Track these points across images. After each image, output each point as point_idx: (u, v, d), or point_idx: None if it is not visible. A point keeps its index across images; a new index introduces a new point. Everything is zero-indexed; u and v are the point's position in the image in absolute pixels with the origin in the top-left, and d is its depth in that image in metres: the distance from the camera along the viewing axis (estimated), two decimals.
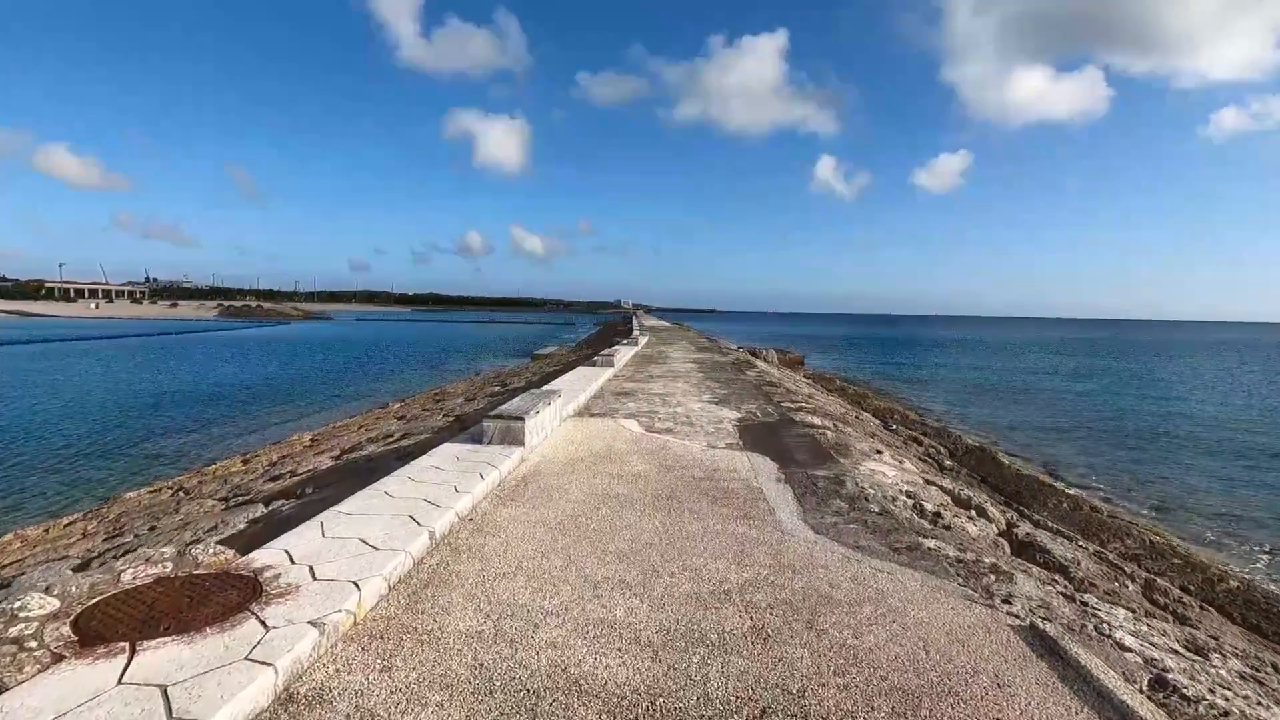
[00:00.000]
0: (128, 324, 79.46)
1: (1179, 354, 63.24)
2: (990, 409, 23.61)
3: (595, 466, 5.93)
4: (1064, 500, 9.04)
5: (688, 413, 9.29)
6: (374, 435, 11.81)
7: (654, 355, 20.30)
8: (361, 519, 3.99)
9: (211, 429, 18.02)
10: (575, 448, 6.71)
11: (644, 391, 11.57)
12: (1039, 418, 22.18)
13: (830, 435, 8.23)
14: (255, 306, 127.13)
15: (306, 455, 11.07)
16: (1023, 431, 18.79)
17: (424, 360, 40.94)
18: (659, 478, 5.59)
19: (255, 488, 8.51)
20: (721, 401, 10.56)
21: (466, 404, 14.89)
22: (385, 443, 10.33)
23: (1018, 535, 5.52)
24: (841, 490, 5.44)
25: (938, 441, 12.36)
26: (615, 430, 7.75)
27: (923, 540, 4.30)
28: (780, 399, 11.45)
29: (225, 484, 9.87)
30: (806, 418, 9.51)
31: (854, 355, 53.78)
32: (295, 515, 5.24)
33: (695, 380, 13.57)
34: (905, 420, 15.40)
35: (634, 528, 4.30)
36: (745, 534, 4.23)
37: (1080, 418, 22.44)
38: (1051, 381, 35.10)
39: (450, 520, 4.16)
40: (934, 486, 6.49)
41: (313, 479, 8.08)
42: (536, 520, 4.41)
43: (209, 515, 6.78)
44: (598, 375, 12.85)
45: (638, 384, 12.70)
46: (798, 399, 12.05)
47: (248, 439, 16.89)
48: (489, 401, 13.97)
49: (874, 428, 11.73)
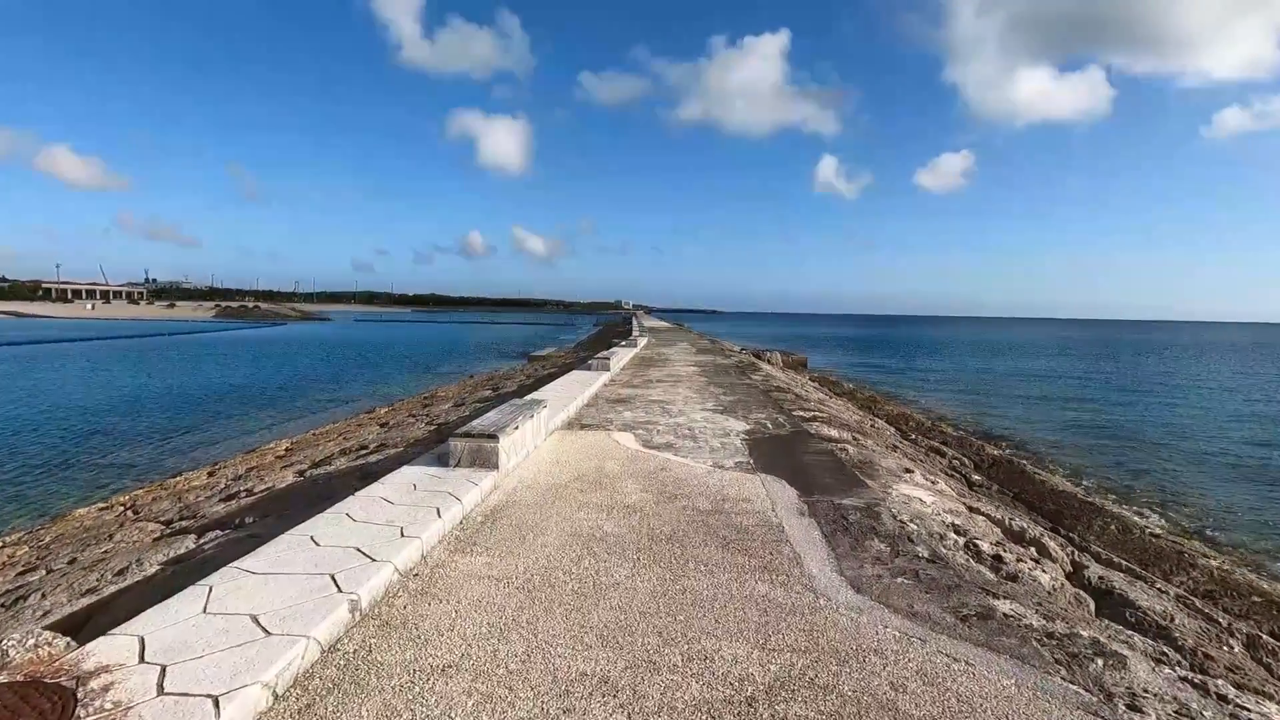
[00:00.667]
0: (122, 325, 78.61)
1: (1186, 354, 62.20)
2: (1002, 413, 22.65)
3: (582, 495, 4.98)
4: (1109, 521, 8.07)
5: (690, 424, 8.33)
6: (349, 446, 10.87)
7: (653, 358, 19.35)
8: (267, 581, 3.04)
9: (192, 435, 17.09)
10: (560, 469, 5.76)
11: (642, 399, 10.61)
12: (1052, 421, 21.22)
13: (851, 451, 7.28)
14: (252, 307, 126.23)
15: (274, 468, 10.13)
16: (1039, 437, 17.81)
17: (419, 362, 40.01)
18: (657, 510, 4.64)
19: (204, 510, 7.57)
20: (727, 410, 9.61)
21: (454, 410, 13.95)
22: (356, 456, 9.39)
23: (1091, 580, 4.57)
24: (878, 526, 4.49)
25: (960, 452, 11.40)
26: (608, 446, 6.80)
27: (994, 602, 3.35)
28: (790, 406, 10.50)
29: (179, 502, 8.93)
30: (822, 429, 8.55)
31: (857, 356, 52.83)
32: (211, 559, 4.30)
33: (697, 385, 12.61)
34: (921, 428, 14.44)
35: (624, 587, 3.34)
36: (768, 596, 3.28)
37: (1093, 421, 21.48)
38: (1060, 383, 34.13)
39: (385, 580, 3.20)
40: (980, 516, 5.53)
41: (266, 499, 7.14)
42: (500, 575, 3.45)
43: (134, 548, 5.84)
44: (593, 380, 11.90)
45: (635, 390, 11.74)
46: (809, 406, 11.10)
47: (230, 444, 15.99)
48: (475, 409, 13.03)
49: (893, 438, 10.78)
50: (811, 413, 10.09)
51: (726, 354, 22.44)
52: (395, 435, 11.24)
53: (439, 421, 11.93)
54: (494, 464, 5.12)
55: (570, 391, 10.22)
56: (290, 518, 5.32)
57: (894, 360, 48.70)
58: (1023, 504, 8.79)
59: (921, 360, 49.44)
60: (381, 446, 9.89)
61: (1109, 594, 4.37)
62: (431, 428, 11.51)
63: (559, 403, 8.94)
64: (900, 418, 15.72)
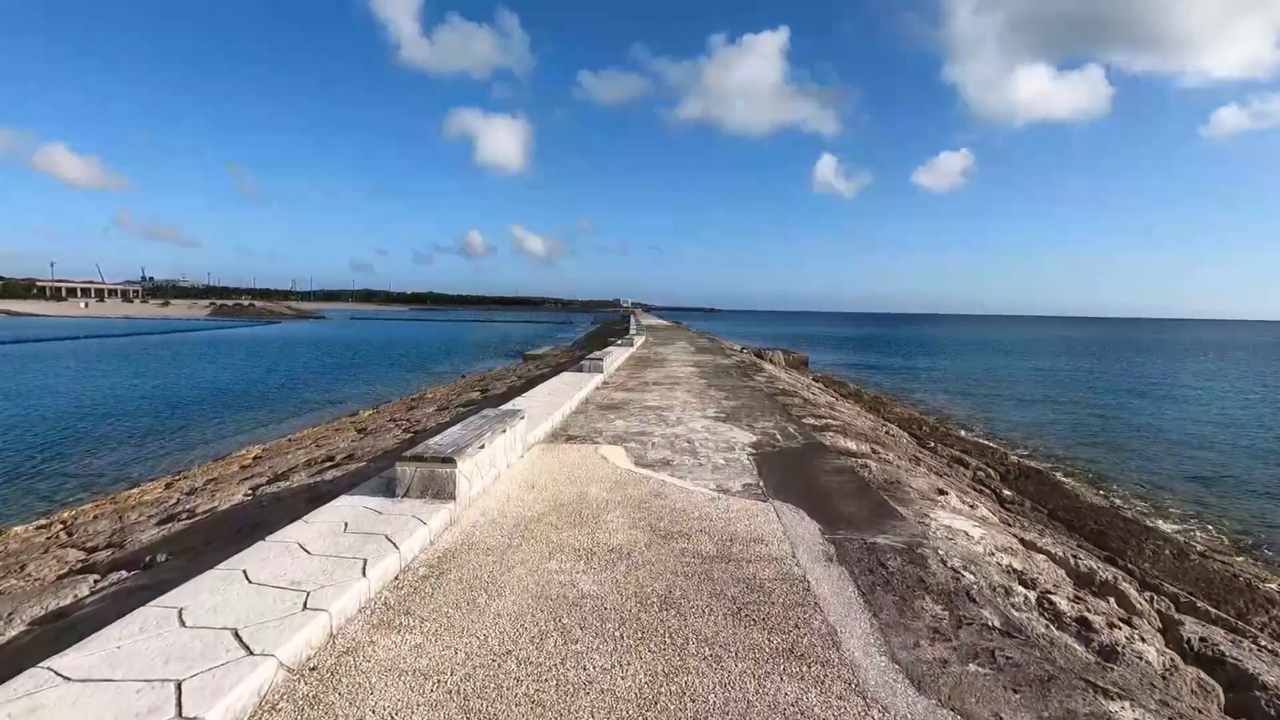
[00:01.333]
0: (114, 323, 77.59)
1: (1192, 353, 61.35)
2: (1011, 415, 21.74)
3: (557, 532, 4.05)
4: (1161, 544, 7.16)
5: (689, 435, 7.39)
6: (316, 456, 9.94)
7: (650, 358, 18.41)
8: (79, 700, 2.11)
9: (168, 439, 16.18)
10: (535, 495, 4.83)
11: (636, 404, 9.67)
12: (1062, 423, 20.34)
13: (874, 467, 6.35)
14: (247, 305, 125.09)
15: (231, 482, 9.20)
16: (1053, 440, 16.90)
17: (413, 362, 39.07)
18: (649, 556, 3.70)
19: (135, 535, 6.64)
20: (730, 417, 8.67)
21: (436, 414, 13.02)
22: (318, 469, 8.45)
23: (1191, 643, 3.66)
24: (927, 576, 3.57)
25: (983, 461, 10.48)
26: (594, 464, 5.87)
27: (1109, 705, 2.43)
28: (799, 412, 9.57)
29: (119, 521, 7.99)
30: (837, 440, 7.62)
31: (858, 355, 51.95)
32: (74, 625, 3.37)
33: (697, 389, 11.68)
34: (936, 433, 13.52)
35: (599, 687, 2.41)
36: (800, 704, 2.35)
37: (1103, 422, 20.59)
38: (1064, 382, 33.25)
39: (258, 686, 2.27)
40: (1039, 554, 4.61)
41: (203, 524, 6.20)
42: (432, 668, 2.52)
43: (23, 592, 4.90)
44: (584, 383, 10.96)
45: (630, 393, 10.81)
46: (819, 412, 10.17)
47: (206, 449, 15.11)
48: (458, 413, 12.10)
49: (911, 447, 9.85)
50: (823, 420, 9.16)
51: (726, 353, 21.51)
52: (368, 444, 10.32)
53: (417, 428, 11.00)
54: (449, 493, 4.18)
55: (557, 397, 9.28)
56: (205, 558, 4.40)
57: (895, 359, 47.81)
58: (1061, 523, 7.87)
59: (922, 359, 48.54)
60: (349, 458, 8.97)
61: (1220, 663, 3.46)
62: (408, 435, 10.58)
63: (543, 410, 8.01)
64: (911, 421, 14.80)
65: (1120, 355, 56.44)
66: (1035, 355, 54.93)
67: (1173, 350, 65.38)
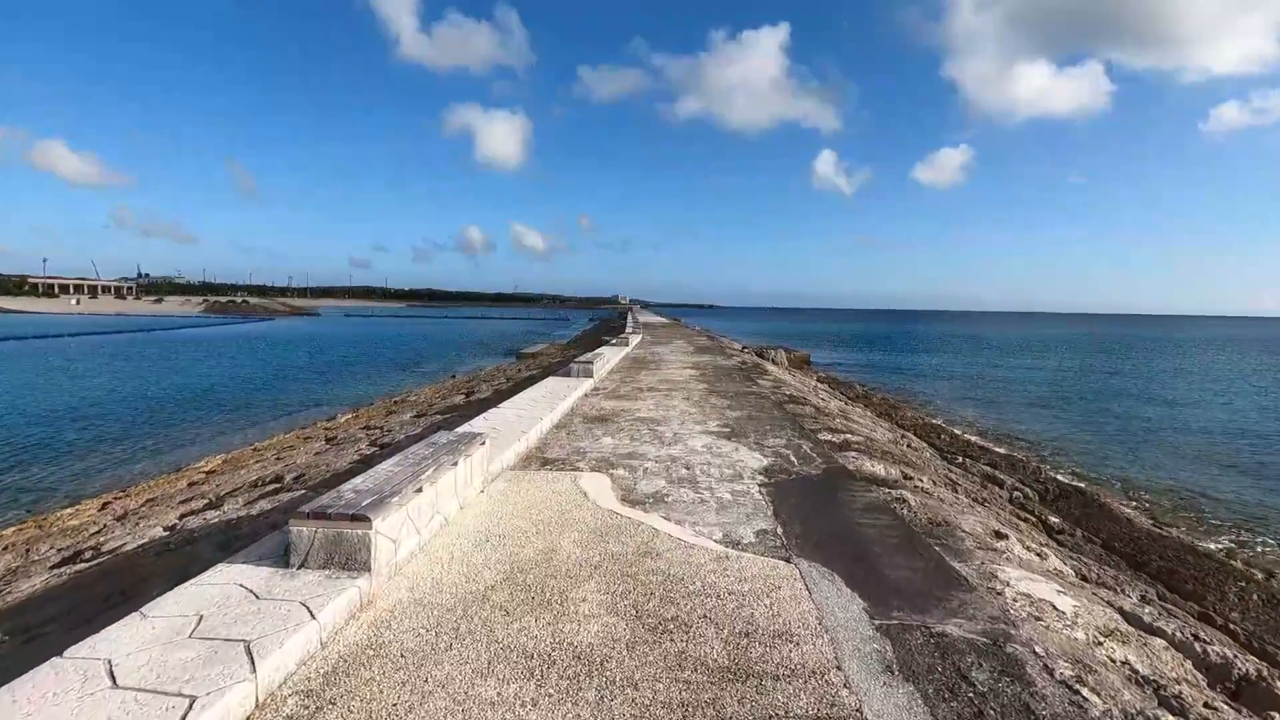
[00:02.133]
0: (104, 320, 76.44)
1: (1199, 350, 60.31)
2: (1025, 419, 20.65)
3: (506, 623, 2.92)
4: (1251, 590, 6.06)
5: (688, 457, 6.26)
6: (266, 475, 8.79)
7: (646, 358, 17.28)
8: None
9: (130, 446, 15.10)
10: (486, 555, 3.70)
11: (628, 415, 8.53)
12: (1080, 426, 19.26)
13: (912, 501, 5.23)
14: (241, 302, 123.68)
15: (165, 506, 8.07)
16: (1078, 448, 15.80)
17: (403, 360, 37.95)
18: (631, 669, 2.57)
19: (20, 584, 5.50)
20: (735, 432, 7.54)
21: (411, 422, 11.90)
22: (257, 494, 7.31)
23: None
24: (1034, 699, 2.46)
25: (1017, 478, 9.37)
26: (570, 501, 4.74)
27: None
28: (812, 425, 8.45)
29: (23, 556, 6.86)
30: (861, 462, 6.50)
31: (859, 353, 50.88)
32: None
33: (697, 395, 10.55)
34: (957, 443, 12.40)
35: None
36: None
37: (1123, 425, 19.51)
38: (1073, 380, 32.21)
39: None
40: (1154, 637, 3.50)
41: (90, 577, 5.07)
42: None
43: None
44: (570, 390, 9.83)
45: (621, 402, 9.67)
46: (834, 423, 9.05)
47: (169, 457, 14.02)
48: (434, 421, 10.98)
49: (939, 465, 8.72)
50: (840, 435, 8.03)
51: (727, 353, 20.39)
52: (327, 460, 9.18)
53: (384, 440, 9.87)
54: (363, 563, 3.06)
55: (537, 408, 8.14)
56: (39, 641, 3.29)
57: (897, 357, 46.74)
58: (1121, 558, 6.76)
59: (925, 357, 47.46)
60: (298, 479, 7.83)
61: None
62: (374, 447, 9.46)
63: (519, 425, 6.89)
64: (927, 430, 13.68)
65: (1125, 352, 55.36)
66: (1038, 353, 53.89)
67: (1178, 347, 64.27)
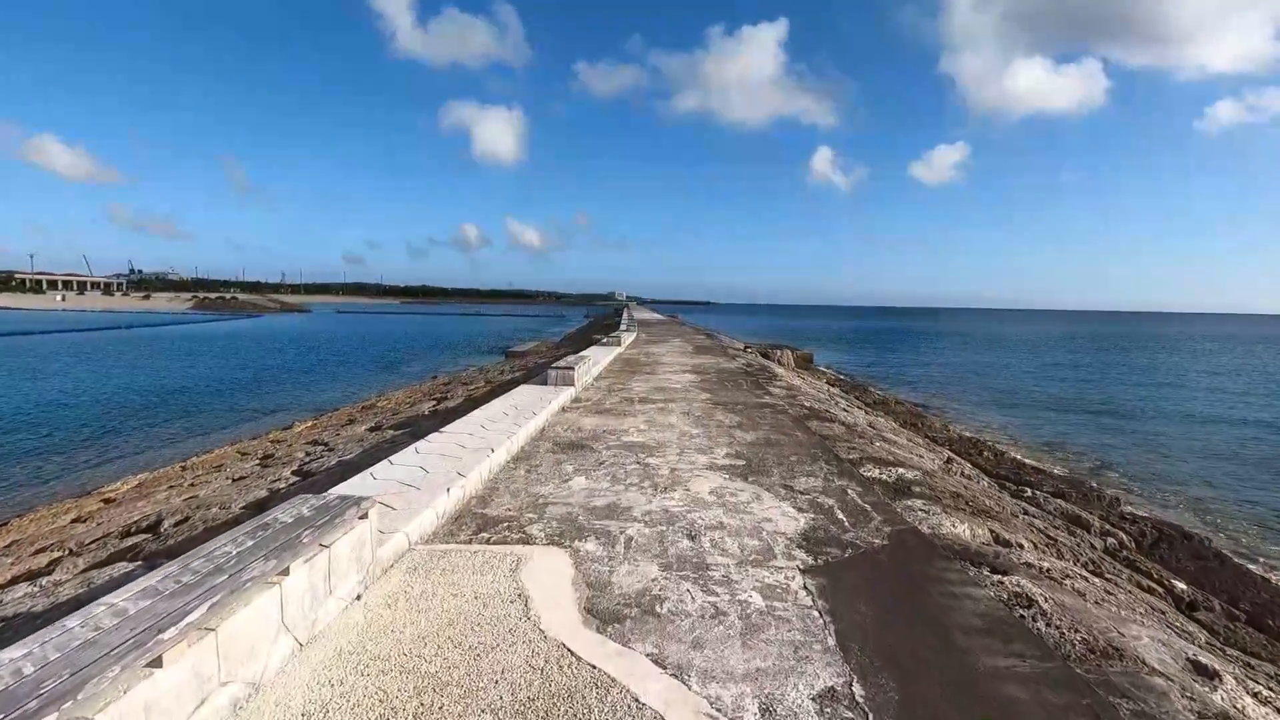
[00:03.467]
0: (88, 317, 74.42)
1: (1211, 348, 58.63)
2: (1063, 425, 18.84)
3: None
4: None
5: (692, 513, 4.39)
6: (148, 516, 6.87)
7: (640, 360, 15.41)
8: None
9: (56, 458, 13.28)
10: None
11: (612, 439, 6.65)
12: (1126, 435, 17.45)
13: (1043, 601, 3.37)
14: (230, 299, 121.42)
15: (20, 552, 6.17)
16: (1139, 465, 13.97)
17: (386, 359, 36.00)
18: None
19: None
20: (752, 468, 5.68)
21: (363, 437, 9.99)
22: (109, 555, 5.42)
23: None
24: None
25: (1096, 514, 7.52)
26: (497, 623, 2.84)
27: None
28: (848, 450, 6.59)
29: None
30: (936, 519, 4.63)
31: (861, 352, 49.05)
32: None
33: (699, 408, 8.67)
34: (1005, 462, 10.55)
35: None
36: None
37: (1169, 436, 17.70)
38: (1091, 380, 30.42)
39: None
40: None
41: None
42: None
43: None
44: (544, 402, 7.94)
45: (606, 419, 7.78)
46: (871, 446, 7.18)
47: (86, 475, 12.19)
48: (389, 436, 9.09)
49: (1008, 501, 6.83)
50: (888, 466, 6.16)
51: (729, 354, 18.51)
52: (238, 489, 7.30)
53: (308, 466, 7.96)
54: None
55: (492, 431, 6.24)
56: None
57: (900, 356, 44.95)
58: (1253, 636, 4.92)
59: (928, 356, 45.65)
60: (180, 524, 5.96)
61: None
62: (295, 478, 7.56)
63: (468, 458, 5.02)
64: (965, 445, 11.83)
65: (1136, 349, 53.61)
66: (1045, 350, 52.16)
67: (1190, 344, 62.53)
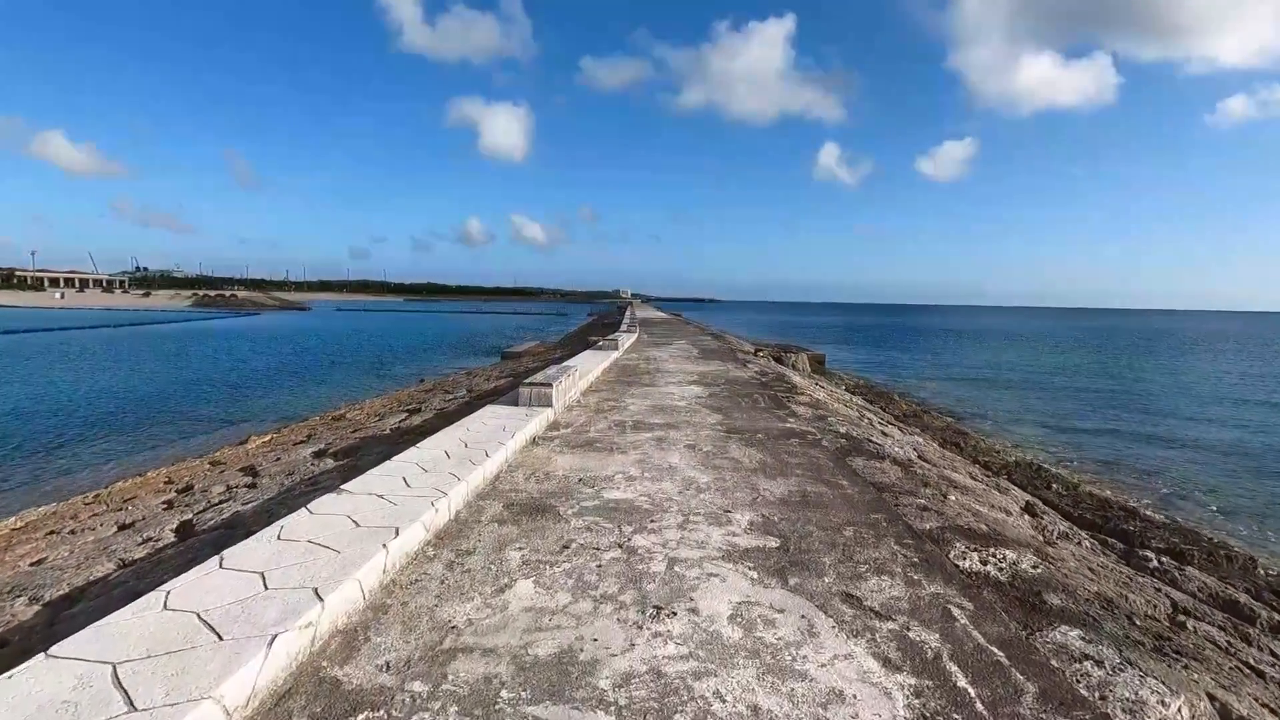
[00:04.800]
0: (83, 314, 73.28)
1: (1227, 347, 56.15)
2: (1107, 440, 16.80)
3: None
4: None
5: (700, 680, 2.45)
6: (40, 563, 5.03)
7: (639, 368, 13.49)
8: None
9: None
10: None
11: (588, 496, 4.71)
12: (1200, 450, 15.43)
13: None
14: (229, 296, 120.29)
15: None
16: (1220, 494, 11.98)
17: (374, 361, 34.22)
18: None
19: None
20: (794, 559, 3.74)
21: (300, 465, 8.11)
22: None
23: None
24: None
25: (1242, 589, 5.58)
26: None
27: None
28: (917, 511, 4.68)
29: None
30: (1123, 681, 2.75)
31: (872, 351, 46.92)
32: None
33: (708, 438, 6.74)
34: (1096, 504, 8.59)
35: None
36: None
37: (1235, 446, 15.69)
38: (1134, 384, 28.24)
39: None
40: None
41: None
42: None
43: None
44: (508, 433, 6.02)
45: (586, 457, 5.86)
46: (946, 504, 5.26)
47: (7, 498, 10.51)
48: (332, 464, 7.23)
49: (1164, 603, 4.83)
50: (993, 551, 4.23)
51: (739, 358, 16.55)
52: (89, 557, 5.48)
53: (203, 515, 6.11)
54: None
55: (422, 484, 4.35)
56: None
57: (914, 356, 42.80)
58: None
59: (944, 355, 43.47)
60: (74, 570, 4.09)
61: None
62: (170, 542, 5.73)
63: (352, 551, 3.15)
64: (1031, 477, 9.87)
65: (1158, 348, 51.23)
66: (1065, 350, 49.88)
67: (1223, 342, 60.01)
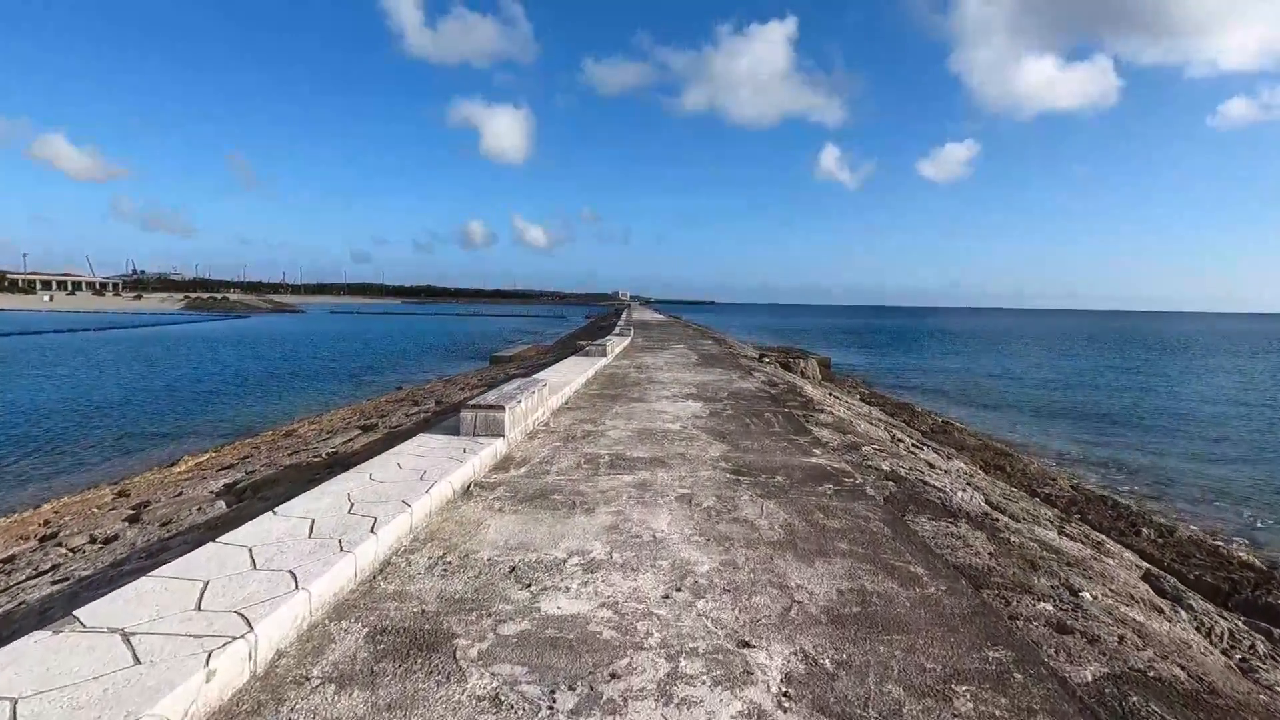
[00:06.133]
0: (67, 317, 71.75)
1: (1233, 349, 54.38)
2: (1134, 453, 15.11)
3: None
4: None
5: None
6: None
7: (629, 378, 11.67)
8: None
9: None
10: None
11: (517, 610, 2.75)
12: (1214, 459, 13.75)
13: None
14: (221, 299, 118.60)
15: None
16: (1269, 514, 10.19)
17: (361, 365, 32.57)
18: None
19: None
20: None
21: (203, 503, 6.30)
22: None
23: None
24: None
25: None
26: None
27: None
28: (1054, 640, 2.92)
29: None
30: None
31: (876, 354, 45.18)
32: None
33: (709, 484, 4.92)
34: (1169, 544, 6.80)
35: None
36: None
37: None
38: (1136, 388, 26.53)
39: None
40: None
41: None
42: None
43: None
44: (428, 481, 4.22)
45: (532, 523, 3.98)
46: (1088, 618, 3.49)
47: None
48: (222, 511, 5.44)
49: None
50: None
51: (742, 365, 14.73)
52: None
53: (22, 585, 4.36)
54: None
55: (267, 575, 2.56)
56: None
57: (921, 359, 41.08)
58: None
59: (950, 359, 41.70)
60: None
61: None
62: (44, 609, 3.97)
63: None
64: (1109, 514, 8.08)
65: (1168, 351, 49.49)
66: (1079, 353, 48.17)
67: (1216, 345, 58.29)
